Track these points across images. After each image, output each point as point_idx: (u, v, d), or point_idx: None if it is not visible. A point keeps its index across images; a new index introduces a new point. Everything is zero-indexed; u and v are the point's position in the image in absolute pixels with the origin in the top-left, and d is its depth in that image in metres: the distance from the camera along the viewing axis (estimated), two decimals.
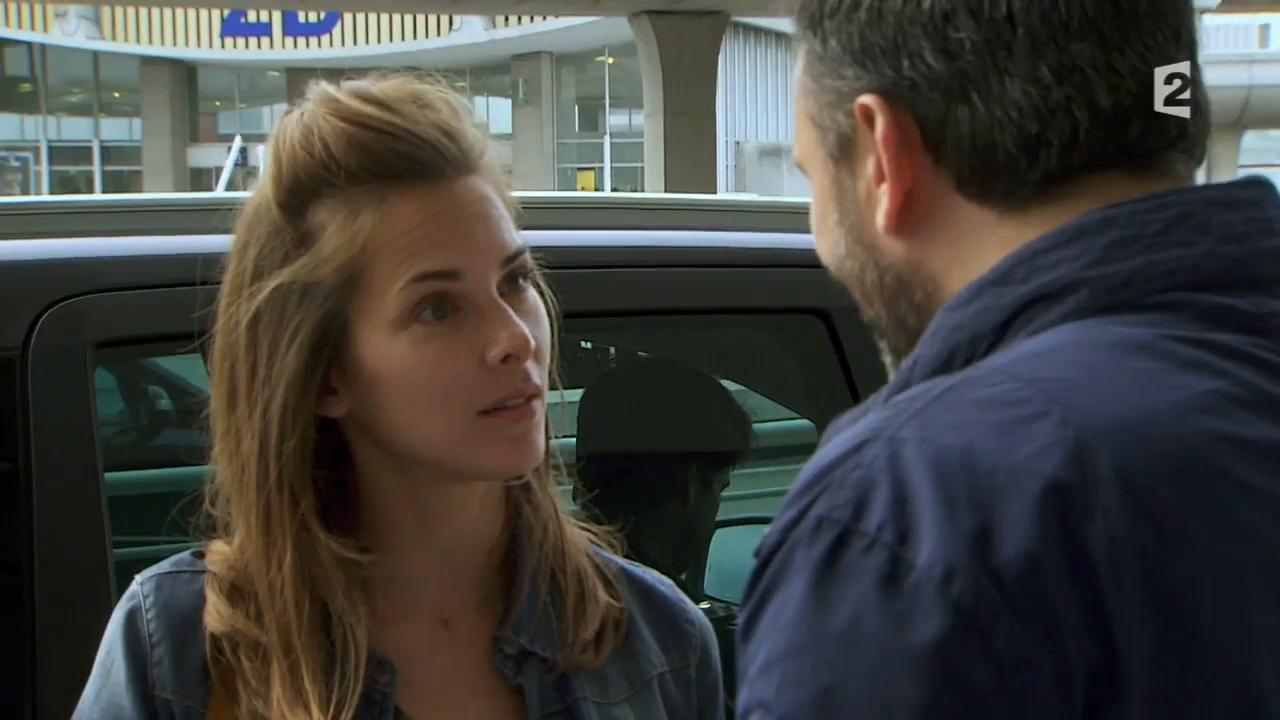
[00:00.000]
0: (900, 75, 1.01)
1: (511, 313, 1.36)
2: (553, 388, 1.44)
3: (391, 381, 1.35)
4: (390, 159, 1.35)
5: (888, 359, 1.13)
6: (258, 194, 1.39)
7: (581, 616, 1.46)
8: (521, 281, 1.40)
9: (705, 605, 2.59)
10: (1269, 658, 0.86)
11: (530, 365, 1.36)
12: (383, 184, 1.35)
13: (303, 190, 1.36)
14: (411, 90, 1.39)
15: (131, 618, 1.39)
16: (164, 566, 1.43)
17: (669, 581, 1.58)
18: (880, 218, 1.03)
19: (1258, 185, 1.01)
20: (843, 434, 0.93)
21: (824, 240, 1.10)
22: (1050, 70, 0.97)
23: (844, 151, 1.05)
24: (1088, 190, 0.99)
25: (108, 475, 2.01)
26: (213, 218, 1.51)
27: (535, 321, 1.39)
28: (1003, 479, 0.85)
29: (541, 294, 1.43)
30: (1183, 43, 1.01)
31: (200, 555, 1.44)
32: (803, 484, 0.91)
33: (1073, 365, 0.90)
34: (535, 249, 1.44)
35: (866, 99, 1.02)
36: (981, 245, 1.01)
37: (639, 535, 1.70)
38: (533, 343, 1.36)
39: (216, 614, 1.38)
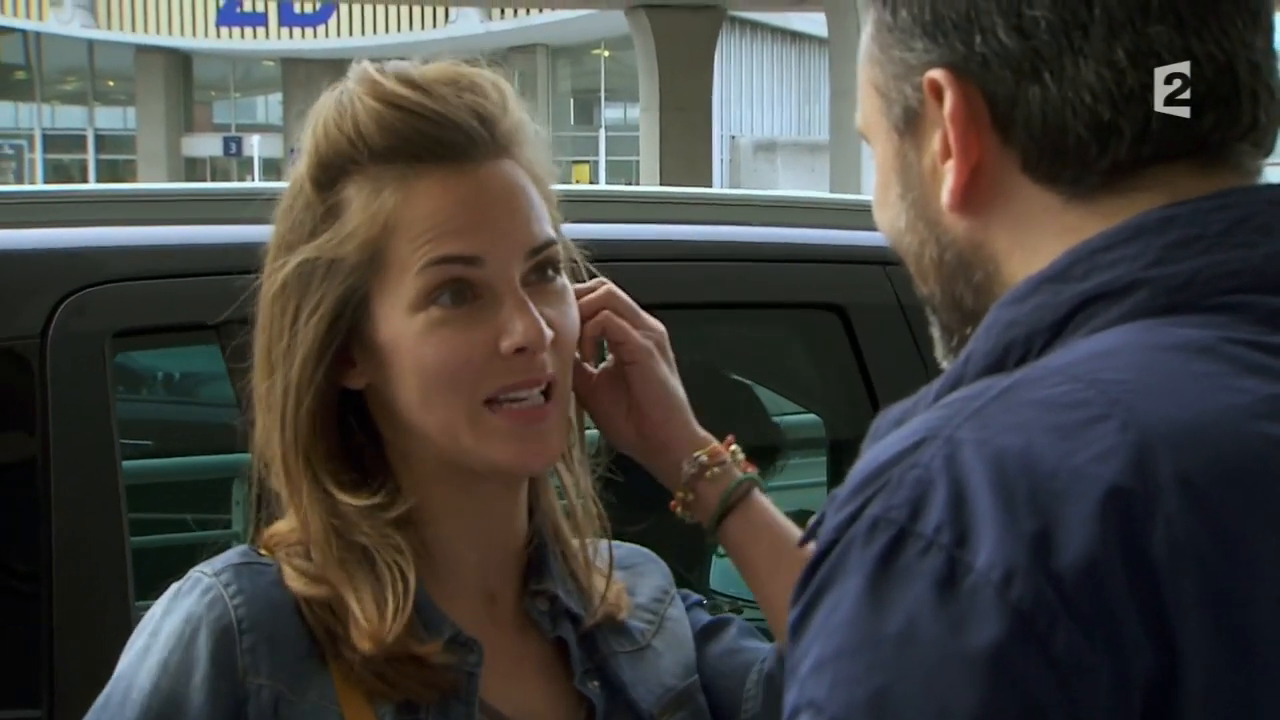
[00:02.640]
0: (971, 50, 0.99)
1: (531, 305, 1.35)
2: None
3: (404, 361, 1.35)
4: (415, 139, 1.35)
5: (936, 334, 1.11)
6: (296, 169, 1.41)
7: (592, 584, 1.49)
8: (550, 273, 1.39)
9: (709, 600, 2.59)
10: None
11: (547, 356, 1.36)
12: (407, 164, 1.35)
13: (332, 167, 1.37)
14: (452, 73, 1.39)
15: (211, 605, 1.36)
16: (232, 558, 1.41)
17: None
18: (945, 194, 1.02)
19: None
20: (897, 431, 0.92)
21: (884, 213, 1.09)
22: (1126, 54, 0.96)
23: (909, 125, 1.04)
24: (1154, 183, 0.97)
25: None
26: (230, 209, 1.51)
27: (561, 311, 1.38)
28: (1063, 483, 0.84)
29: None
30: (1261, 26, 0.99)
31: (255, 550, 1.43)
32: (857, 482, 0.90)
33: (1133, 368, 0.89)
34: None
35: (935, 73, 1.01)
36: (1044, 232, 0.99)
37: (649, 531, 1.70)
38: (548, 335, 1.35)
39: (301, 578, 1.38)
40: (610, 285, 1.49)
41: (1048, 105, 0.97)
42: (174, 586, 1.40)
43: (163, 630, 1.37)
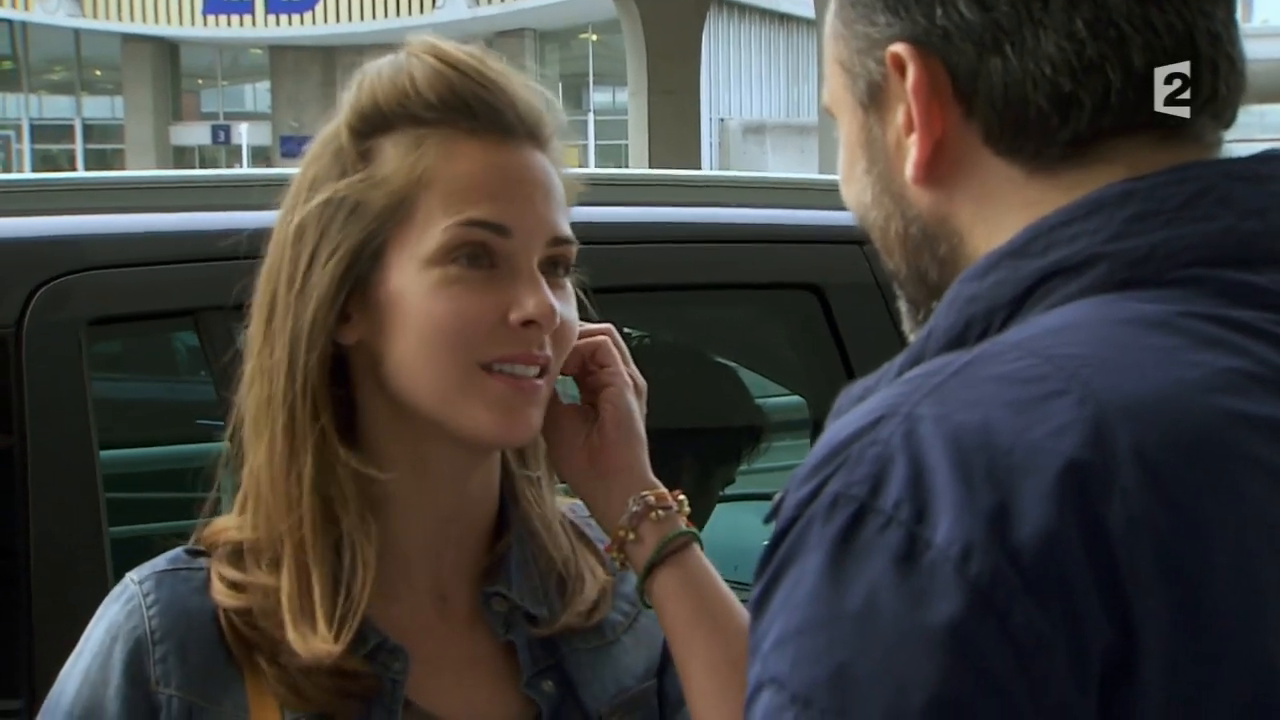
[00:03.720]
0: (933, 24, 0.99)
1: (545, 284, 1.36)
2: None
3: (408, 314, 1.35)
4: (470, 99, 1.36)
5: (903, 308, 1.11)
6: (331, 124, 1.41)
7: (578, 594, 1.47)
8: (562, 271, 1.40)
9: None
10: None
11: (549, 340, 1.36)
12: (454, 122, 1.36)
13: (377, 117, 1.37)
14: (506, 67, 1.41)
15: (129, 615, 1.38)
16: (160, 564, 1.42)
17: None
18: (909, 168, 1.02)
19: (1277, 159, 0.99)
20: (858, 408, 0.92)
21: (851, 187, 1.09)
22: (1085, 24, 0.96)
23: (874, 99, 1.04)
24: (1115, 155, 0.97)
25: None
26: (207, 195, 1.51)
27: (567, 306, 1.39)
28: (1020, 457, 0.84)
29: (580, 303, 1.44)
30: None
31: (194, 553, 1.43)
32: (818, 458, 0.90)
33: (1091, 342, 0.89)
34: None
35: (898, 47, 1.01)
36: (1006, 204, 1.00)
37: None
38: (558, 319, 1.36)
39: (226, 585, 1.38)
40: (611, 327, 1.48)
41: (1009, 77, 0.97)
42: (112, 590, 1.42)
43: (91, 638, 1.40)
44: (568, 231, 1.39)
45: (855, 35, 1.05)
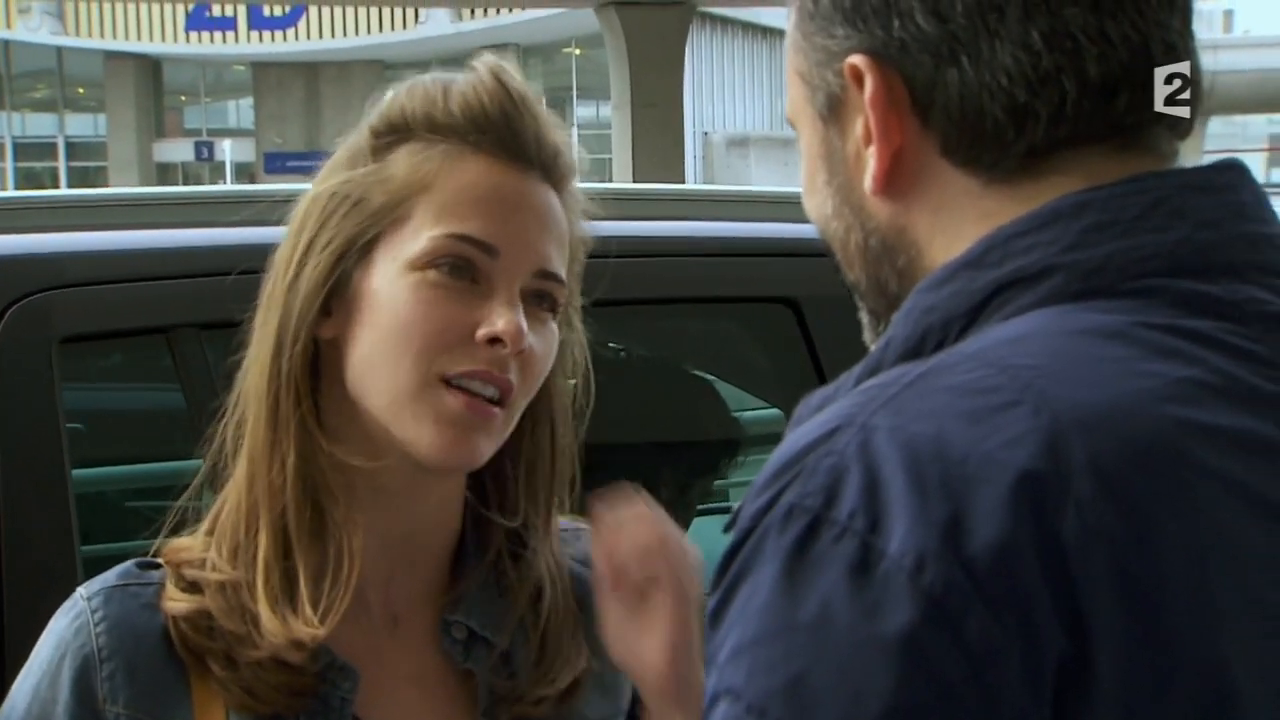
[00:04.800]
0: (890, 35, 0.99)
1: (520, 310, 1.34)
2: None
3: (380, 311, 1.34)
4: (492, 115, 1.36)
5: (864, 320, 1.11)
6: (359, 129, 1.42)
7: (552, 676, 1.43)
8: (546, 305, 1.38)
9: None
10: (1238, 648, 0.85)
11: (513, 365, 1.34)
12: (471, 141, 1.36)
13: (400, 122, 1.38)
14: (535, 99, 1.41)
15: (78, 632, 1.37)
16: (110, 578, 1.41)
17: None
18: (867, 180, 1.02)
19: (1232, 170, 1.00)
20: (814, 418, 0.92)
21: (812, 199, 1.09)
22: (1041, 36, 0.96)
23: (833, 111, 1.04)
24: (1071, 166, 0.98)
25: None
26: (183, 212, 1.51)
27: (541, 340, 1.37)
28: (974, 468, 0.84)
29: (583, 353, 1.45)
30: (1177, 6, 0.99)
31: (146, 566, 1.42)
32: (773, 470, 0.90)
33: (1045, 353, 0.89)
34: None
35: (856, 59, 1.01)
36: (964, 216, 1.00)
37: None
38: (526, 345, 1.34)
39: (177, 595, 1.37)
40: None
41: (965, 89, 0.97)
42: (63, 605, 1.41)
43: (40, 653, 1.39)
44: (559, 270, 1.38)
45: (814, 47, 1.05)
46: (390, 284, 1.34)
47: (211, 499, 1.43)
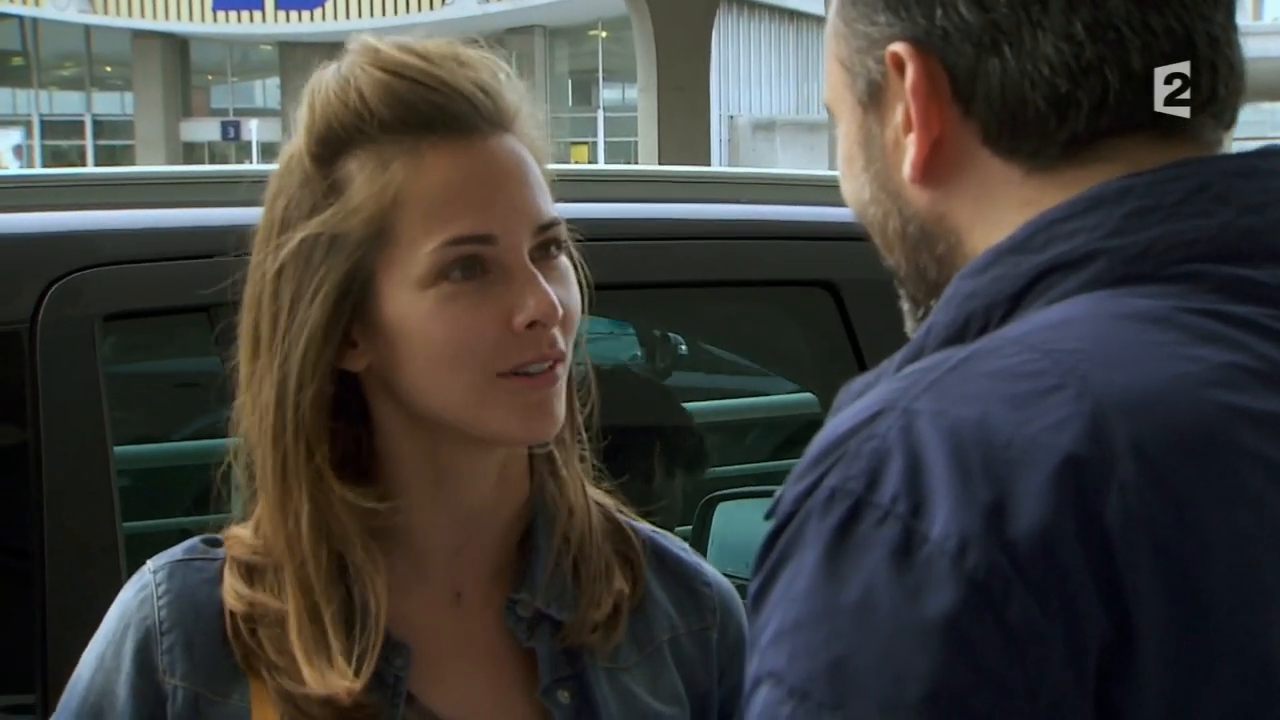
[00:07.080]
0: (933, 24, 1.00)
1: (541, 279, 1.34)
2: (579, 361, 1.43)
3: (413, 338, 1.34)
4: (425, 109, 1.34)
5: (905, 306, 1.12)
6: (291, 145, 1.39)
7: (595, 599, 1.44)
8: (554, 250, 1.38)
9: None
10: None
11: (556, 332, 1.35)
12: (416, 135, 1.34)
13: (335, 140, 1.35)
14: (451, 49, 1.38)
15: (141, 604, 1.40)
16: (176, 553, 1.43)
17: (682, 543, 1.58)
18: (906, 167, 1.02)
19: (1275, 155, 1.00)
20: (856, 403, 0.92)
21: (850, 185, 1.10)
22: (1084, 27, 0.96)
23: (873, 98, 1.05)
24: (1114, 154, 0.98)
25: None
26: (220, 191, 1.51)
27: (565, 289, 1.37)
28: (1018, 452, 0.84)
29: (575, 266, 1.42)
30: (1221, 2, 0.99)
31: (212, 543, 1.43)
32: (816, 454, 0.90)
33: (1088, 337, 0.90)
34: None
35: (897, 47, 1.01)
36: (1004, 203, 1.00)
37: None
38: (560, 310, 1.34)
39: (235, 594, 1.38)
40: None
41: (1007, 78, 0.98)
42: (132, 577, 1.44)
43: (107, 623, 1.42)
44: (552, 213, 1.38)
45: (855, 34, 1.05)
46: (411, 308, 1.33)
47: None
